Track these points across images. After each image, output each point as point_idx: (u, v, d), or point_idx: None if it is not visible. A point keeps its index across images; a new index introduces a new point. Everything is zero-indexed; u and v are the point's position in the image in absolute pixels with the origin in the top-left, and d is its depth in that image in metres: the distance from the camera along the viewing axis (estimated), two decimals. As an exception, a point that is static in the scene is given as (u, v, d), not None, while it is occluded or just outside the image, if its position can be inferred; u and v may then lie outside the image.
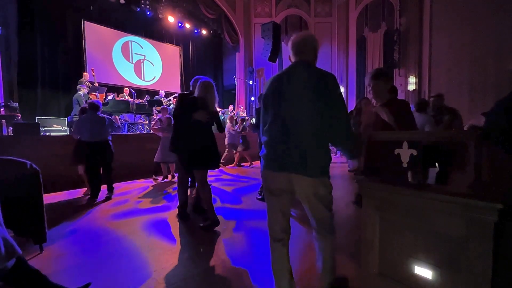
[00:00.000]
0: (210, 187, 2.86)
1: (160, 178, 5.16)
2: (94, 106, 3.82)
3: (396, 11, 9.72)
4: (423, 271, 1.15)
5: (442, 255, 1.09)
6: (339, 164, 7.16)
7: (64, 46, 8.30)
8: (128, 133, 6.85)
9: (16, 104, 5.79)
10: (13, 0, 6.68)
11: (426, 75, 8.76)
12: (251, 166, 7.22)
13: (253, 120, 9.96)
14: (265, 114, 1.47)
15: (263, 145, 1.44)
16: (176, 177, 4.74)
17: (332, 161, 1.41)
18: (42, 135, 5.18)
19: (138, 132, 7.25)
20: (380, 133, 1.33)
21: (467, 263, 1.02)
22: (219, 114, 7.19)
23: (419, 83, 9.05)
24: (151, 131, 5.39)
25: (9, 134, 4.94)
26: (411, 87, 9.25)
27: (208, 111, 2.66)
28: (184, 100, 2.72)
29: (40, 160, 3.92)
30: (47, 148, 4.39)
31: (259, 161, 7.39)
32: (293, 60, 1.46)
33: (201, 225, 2.74)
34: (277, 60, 10.71)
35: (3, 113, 5.51)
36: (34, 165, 2.12)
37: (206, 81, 2.73)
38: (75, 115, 6.24)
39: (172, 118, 3.78)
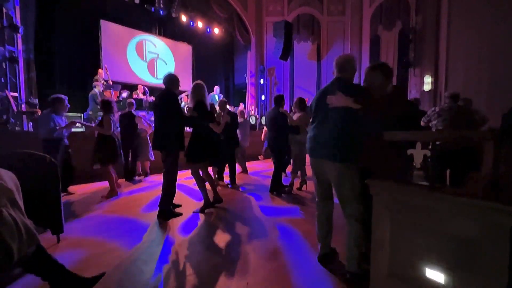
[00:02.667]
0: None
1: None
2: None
3: (412, 9, 9.46)
4: (435, 274, 1.12)
5: (455, 258, 1.07)
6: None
7: (81, 45, 8.56)
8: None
9: (36, 101, 6.02)
10: (33, 2, 6.94)
11: (442, 75, 8.50)
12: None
13: (264, 119, 9.96)
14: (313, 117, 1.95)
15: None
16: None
17: None
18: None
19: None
20: (393, 133, 1.31)
21: (481, 267, 0.99)
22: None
23: (435, 83, 8.79)
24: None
25: (29, 130, 5.15)
26: (427, 87, 8.99)
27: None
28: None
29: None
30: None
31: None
32: (334, 75, 1.89)
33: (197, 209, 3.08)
34: (289, 59, 10.69)
35: (24, 109, 5.75)
36: (52, 159, 2.21)
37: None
38: (91, 111, 6.42)
39: None
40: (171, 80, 2.99)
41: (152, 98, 8.35)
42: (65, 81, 8.22)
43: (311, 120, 2.01)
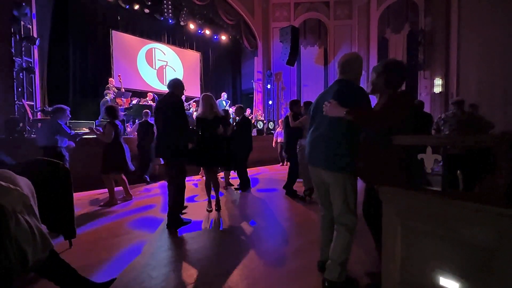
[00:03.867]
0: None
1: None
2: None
3: (421, 11, 9.35)
4: (449, 283, 1.09)
5: (470, 266, 1.03)
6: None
7: (93, 54, 8.85)
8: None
9: (50, 109, 6.22)
10: (48, 12, 7.24)
11: (454, 76, 8.32)
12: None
13: (271, 124, 9.97)
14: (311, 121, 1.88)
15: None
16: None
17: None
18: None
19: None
20: (403, 137, 1.29)
21: (497, 276, 0.95)
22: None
23: (446, 85, 8.61)
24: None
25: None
26: (437, 89, 8.82)
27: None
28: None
29: (71, 160, 4.18)
30: (78, 149, 4.63)
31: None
32: (337, 77, 1.79)
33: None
34: (295, 63, 10.72)
35: (39, 117, 5.95)
36: (65, 165, 2.28)
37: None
38: (102, 119, 6.59)
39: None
40: (175, 84, 2.94)
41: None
42: (78, 90, 8.49)
43: (309, 124, 1.92)
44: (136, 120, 5.84)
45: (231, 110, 9.28)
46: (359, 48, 10.79)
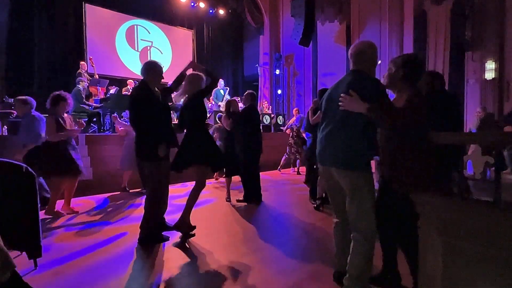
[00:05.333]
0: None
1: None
2: None
3: (469, -24, 9.23)
4: (503, 317, 1.08)
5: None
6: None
7: (62, 33, 8.96)
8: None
9: (11, 100, 6.32)
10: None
11: (510, 59, 8.20)
12: None
13: (280, 118, 9.97)
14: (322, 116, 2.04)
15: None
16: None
17: None
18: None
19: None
20: (441, 134, 1.28)
21: None
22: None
23: (500, 70, 8.48)
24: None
25: (3, 134, 5.40)
26: (489, 74, 8.69)
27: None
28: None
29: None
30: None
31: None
32: (351, 67, 1.96)
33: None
34: (311, 43, 10.69)
35: (-2, 109, 6.05)
36: (30, 169, 2.31)
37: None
38: (74, 112, 6.67)
39: None
40: (146, 69, 2.95)
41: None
42: (44, 77, 8.59)
43: (320, 119, 2.07)
44: (115, 114, 5.88)
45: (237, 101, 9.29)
46: (390, 23, 10.69)
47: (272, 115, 10.00)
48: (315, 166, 3.95)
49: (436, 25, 10.03)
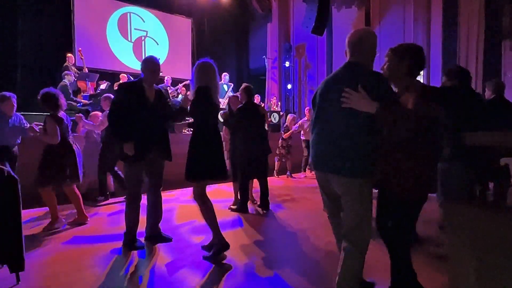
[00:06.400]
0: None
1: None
2: None
3: (506, -46, 9.12)
4: None
5: None
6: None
7: (48, 22, 9.09)
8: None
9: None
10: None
11: (555, 49, 8.07)
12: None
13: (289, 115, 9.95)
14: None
15: None
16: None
17: None
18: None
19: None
20: (479, 134, 1.27)
21: None
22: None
23: (543, 61, 8.36)
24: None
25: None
26: (530, 67, 8.57)
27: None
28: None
29: (21, 167, 4.25)
30: (30, 152, 4.69)
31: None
32: (347, 58, 1.95)
33: (208, 255, 2.90)
34: (325, 31, 10.66)
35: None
36: (12, 173, 2.35)
37: (205, 62, 2.99)
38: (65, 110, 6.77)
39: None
40: (141, 66, 3.11)
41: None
42: (27, 70, 8.72)
43: (312, 119, 2.07)
44: (80, 114, 5.84)
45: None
46: (415, 8, 10.60)
47: (281, 113, 10.02)
48: None
49: (468, 10, 9.91)
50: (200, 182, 2.93)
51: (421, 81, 2.88)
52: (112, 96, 4.50)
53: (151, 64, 3.07)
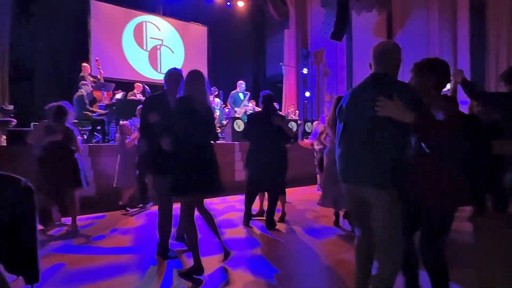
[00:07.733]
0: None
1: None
2: None
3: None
4: None
5: None
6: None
7: (66, 34, 9.42)
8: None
9: (11, 107, 6.68)
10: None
11: None
12: None
13: (309, 125, 9.89)
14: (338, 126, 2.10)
15: None
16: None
17: None
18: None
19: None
20: (504, 143, 1.22)
21: None
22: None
23: None
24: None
25: (2, 144, 5.70)
26: None
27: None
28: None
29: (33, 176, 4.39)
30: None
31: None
32: (372, 70, 2.04)
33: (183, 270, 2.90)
34: (345, 37, 10.61)
35: (-5, 117, 6.42)
36: (29, 183, 2.41)
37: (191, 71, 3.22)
38: (76, 120, 6.95)
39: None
40: (164, 78, 3.36)
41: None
42: (45, 82, 9.05)
43: (339, 132, 2.11)
44: (121, 121, 6.07)
45: (251, 106, 9.32)
46: (440, 14, 10.42)
47: (299, 121, 9.94)
48: None
49: (497, 17, 9.64)
50: (184, 196, 2.84)
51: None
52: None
53: (175, 75, 3.28)
